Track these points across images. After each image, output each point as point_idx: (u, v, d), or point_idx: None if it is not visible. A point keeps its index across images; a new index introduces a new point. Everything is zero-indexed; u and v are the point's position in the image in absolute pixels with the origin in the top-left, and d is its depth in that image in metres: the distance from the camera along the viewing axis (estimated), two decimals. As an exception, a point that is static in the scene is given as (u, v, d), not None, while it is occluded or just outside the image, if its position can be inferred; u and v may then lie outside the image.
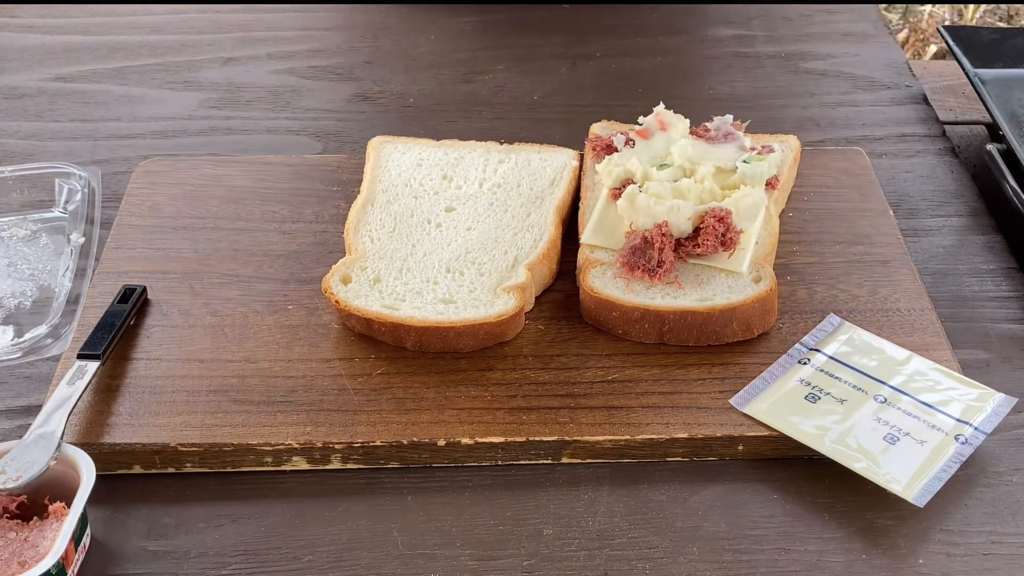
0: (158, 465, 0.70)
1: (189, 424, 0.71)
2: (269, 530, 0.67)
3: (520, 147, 0.91)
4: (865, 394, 0.73)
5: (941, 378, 0.74)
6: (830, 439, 0.70)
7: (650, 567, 0.65)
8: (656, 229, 0.78)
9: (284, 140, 0.99)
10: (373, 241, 0.82)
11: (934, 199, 0.93)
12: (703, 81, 1.05)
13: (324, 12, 1.16)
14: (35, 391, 0.76)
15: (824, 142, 0.97)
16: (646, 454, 0.71)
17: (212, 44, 1.11)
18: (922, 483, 0.67)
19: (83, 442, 0.69)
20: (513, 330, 0.77)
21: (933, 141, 0.99)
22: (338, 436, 0.70)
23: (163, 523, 0.68)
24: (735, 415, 0.72)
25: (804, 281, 0.82)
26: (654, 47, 1.11)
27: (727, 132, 0.86)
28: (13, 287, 0.83)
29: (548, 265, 0.81)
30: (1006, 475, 0.70)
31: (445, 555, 0.66)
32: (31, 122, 1.01)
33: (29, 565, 0.61)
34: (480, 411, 0.72)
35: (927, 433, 0.70)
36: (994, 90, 0.97)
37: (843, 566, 0.65)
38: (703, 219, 0.78)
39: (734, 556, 0.66)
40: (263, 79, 1.07)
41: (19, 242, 0.86)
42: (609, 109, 0.96)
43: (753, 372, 0.75)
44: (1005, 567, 0.65)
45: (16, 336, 0.79)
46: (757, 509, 0.69)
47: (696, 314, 0.76)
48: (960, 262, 0.87)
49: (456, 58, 1.09)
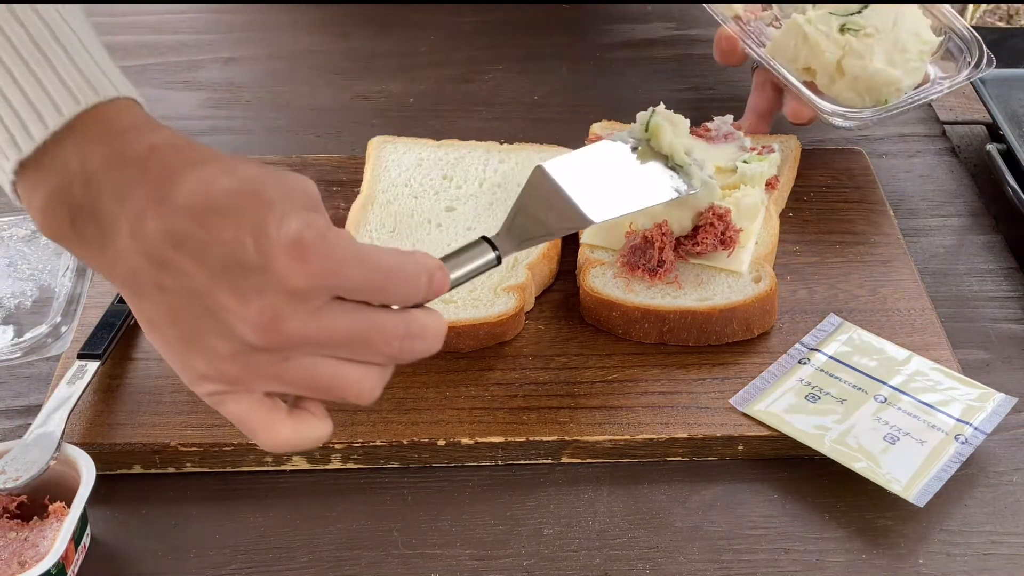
0: (158, 465, 0.70)
1: (189, 424, 0.71)
2: (269, 530, 0.67)
3: (520, 147, 0.91)
4: (865, 394, 0.73)
5: (941, 378, 0.74)
6: (830, 439, 0.70)
7: (650, 567, 0.65)
8: (656, 228, 0.78)
9: (284, 140, 0.99)
10: (373, 241, 0.82)
11: (934, 199, 0.93)
12: (703, 81, 1.05)
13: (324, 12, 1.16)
14: (35, 391, 0.76)
15: (824, 142, 0.97)
16: (646, 454, 0.71)
17: (212, 44, 1.11)
18: (922, 483, 0.67)
19: (83, 442, 0.69)
20: (513, 330, 0.77)
21: (933, 141, 0.99)
22: (338, 436, 0.70)
23: (163, 523, 0.68)
24: (735, 415, 0.72)
25: (804, 281, 0.82)
26: (654, 47, 1.11)
27: (727, 132, 0.86)
28: (13, 287, 0.83)
29: (548, 265, 0.81)
30: (1006, 475, 0.71)
31: (445, 555, 0.66)
32: (31, 122, 1.01)
33: (29, 565, 0.61)
34: (480, 411, 0.72)
35: (927, 433, 0.70)
36: (994, 90, 0.97)
37: (843, 566, 0.65)
38: (703, 217, 0.78)
39: (734, 556, 0.66)
40: (263, 79, 1.07)
41: (19, 242, 0.86)
42: (609, 109, 0.96)
43: (753, 372, 0.75)
44: (1005, 567, 0.65)
45: (16, 336, 0.79)
46: (757, 509, 0.69)
47: (696, 314, 0.76)
48: (960, 262, 0.87)
49: (456, 58, 1.09)
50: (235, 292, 0.51)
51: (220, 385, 0.54)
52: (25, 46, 0.55)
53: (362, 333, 0.54)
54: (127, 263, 0.52)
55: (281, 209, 0.51)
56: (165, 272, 0.52)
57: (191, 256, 0.51)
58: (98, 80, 0.55)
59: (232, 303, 0.51)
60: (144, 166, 0.52)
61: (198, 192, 0.51)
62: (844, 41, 0.86)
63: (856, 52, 0.86)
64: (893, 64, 0.86)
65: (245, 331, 0.52)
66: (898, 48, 0.87)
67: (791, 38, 0.88)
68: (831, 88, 0.88)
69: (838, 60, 0.87)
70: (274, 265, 0.51)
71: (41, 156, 0.53)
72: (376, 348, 0.54)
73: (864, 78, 0.86)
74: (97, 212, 0.52)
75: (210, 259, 0.51)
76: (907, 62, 0.87)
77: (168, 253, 0.51)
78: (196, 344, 0.53)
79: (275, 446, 0.55)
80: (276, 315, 0.51)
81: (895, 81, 0.87)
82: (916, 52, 0.88)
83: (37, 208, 0.54)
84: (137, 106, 0.56)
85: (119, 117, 0.55)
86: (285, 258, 0.51)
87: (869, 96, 0.87)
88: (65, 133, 0.53)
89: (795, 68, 0.88)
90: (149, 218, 0.51)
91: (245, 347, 0.52)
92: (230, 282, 0.51)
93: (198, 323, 0.52)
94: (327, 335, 0.53)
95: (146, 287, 0.53)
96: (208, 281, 0.51)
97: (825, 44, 0.87)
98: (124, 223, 0.52)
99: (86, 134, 0.53)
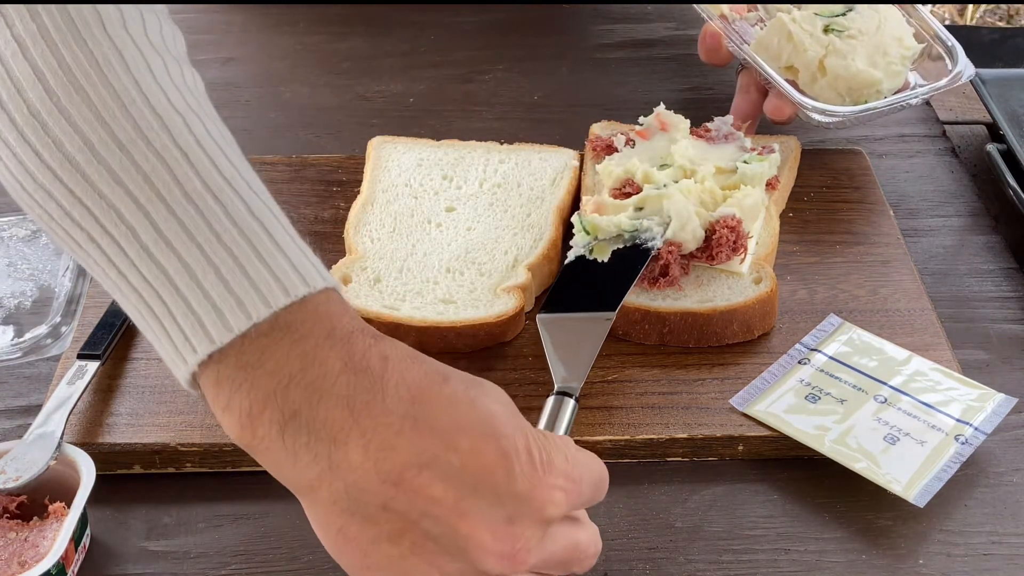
0: (158, 465, 0.70)
1: (189, 424, 0.71)
2: (269, 530, 0.67)
3: (520, 147, 0.91)
4: (865, 394, 0.73)
5: (941, 378, 0.74)
6: (830, 439, 0.70)
7: (650, 567, 0.65)
8: (665, 247, 0.77)
9: (284, 140, 0.99)
10: (373, 241, 0.82)
11: (934, 199, 0.93)
12: (703, 81, 1.05)
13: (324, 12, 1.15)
14: (35, 391, 0.76)
15: (824, 142, 0.97)
16: (646, 454, 0.71)
17: (212, 44, 1.11)
18: (922, 483, 0.67)
19: (83, 442, 0.69)
20: (513, 330, 0.77)
21: (933, 141, 0.99)
22: (338, 436, 0.70)
23: (163, 523, 0.68)
24: (735, 415, 0.72)
25: (804, 281, 0.82)
26: (654, 47, 1.11)
27: (727, 132, 0.86)
28: (13, 287, 0.83)
29: (548, 265, 0.81)
30: (1006, 475, 0.70)
31: (445, 555, 0.66)
32: (31, 122, 1.01)
33: (29, 565, 0.61)
34: (480, 411, 0.72)
35: (927, 433, 0.70)
36: (994, 90, 0.97)
37: (843, 566, 0.65)
38: (713, 228, 0.78)
39: (734, 556, 0.66)
40: (263, 79, 1.07)
41: (19, 242, 0.86)
42: (609, 109, 0.96)
43: (753, 372, 0.75)
44: (1005, 567, 0.65)
45: (16, 336, 0.79)
46: (757, 509, 0.69)
47: (697, 315, 0.76)
48: (960, 262, 0.87)
49: (456, 58, 1.09)
50: (484, 520, 0.49)
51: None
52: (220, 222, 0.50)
53: (571, 554, 0.53)
54: (349, 479, 0.49)
55: (527, 433, 0.50)
56: (400, 492, 0.49)
57: (439, 479, 0.49)
58: (305, 269, 0.51)
59: (479, 531, 0.49)
60: (382, 378, 0.50)
61: (446, 414, 0.50)
62: (827, 41, 0.87)
63: (839, 52, 0.87)
64: (874, 66, 0.87)
65: (487, 560, 0.49)
66: (880, 51, 0.88)
67: (775, 36, 0.89)
68: (812, 87, 0.88)
69: (820, 59, 0.87)
70: (535, 494, 0.49)
71: (241, 350, 0.49)
72: (570, 568, 0.54)
73: (845, 78, 0.87)
74: (316, 421, 0.49)
75: (459, 483, 0.49)
76: (888, 65, 0.88)
77: (409, 473, 0.48)
78: (413, 564, 0.50)
79: None
80: (525, 547, 0.50)
81: (875, 83, 0.87)
82: (898, 56, 0.88)
83: (226, 407, 0.50)
84: (340, 297, 0.52)
85: (333, 312, 0.51)
86: (547, 487, 0.50)
87: (849, 96, 0.88)
88: (274, 328, 0.49)
89: (778, 66, 0.89)
90: (395, 435, 0.48)
91: (477, 573, 0.50)
92: (478, 508, 0.49)
93: (425, 545, 0.49)
94: (549, 560, 0.52)
95: (367, 505, 0.49)
96: (454, 506, 0.49)
97: (808, 43, 0.87)
98: (357, 437, 0.48)
99: (304, 332, 0.49)
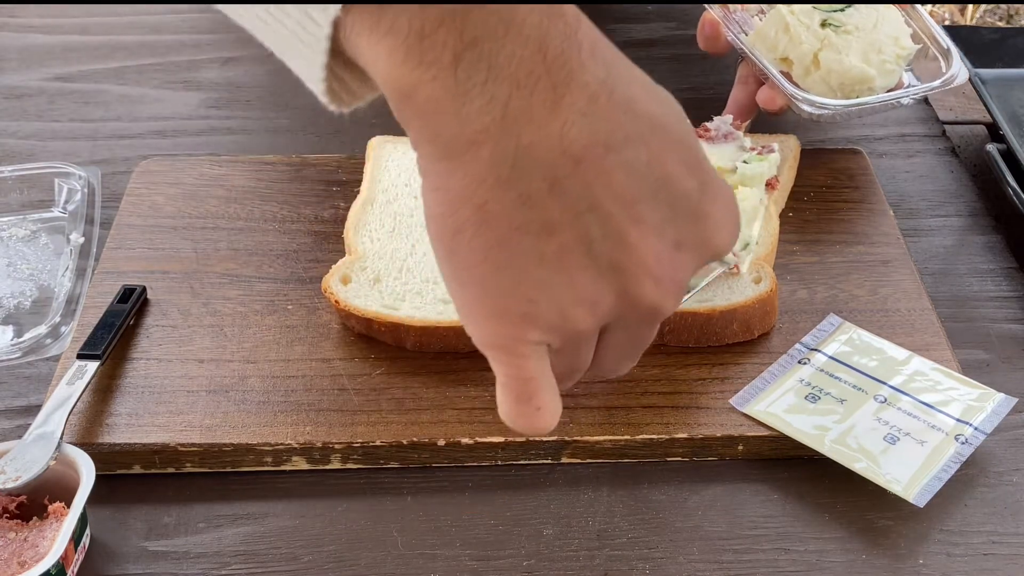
0: (158, 465, 0.70)
1: (189, 424, 0.71)
2: (269, 530, 0.67)
3: (520, 147, 0.91)
4: (865, 394, 0.73)
5: (941, 378, 0.74)
6: (830, 439, 0.70)
7: (650, 567, 0.65)
8: None
9: (284, 140, 0.99)
10: (373, 241, 0.82)
11: (934, 199, 0.93)
12: (703, 81, 1.05)
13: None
14: (35, 391, 0.76)
15: (824, 142, 0.97)
16: (646, 454, 0.71)
17: (212, 44, 1.11)
18: (922, 483, 0.67)
19: (83, 442, 0.69)
20: (513, 330, 0.77)
21: (933, 141, 0.99)
22: (338, 436, 0.70)
23: (163, 523, 0.68)
24: (735, 415, 0.72)
25: (804, 281, 0.82)
26: (654, 47, 1.10)
27: (727, 132, 0.86)
28: (13, 287, 0.83)
29: (548, 265, 0.81)
30: (1006, 475, 0.70)
31: (445, 555, 0.66)
32: (31, 122, 1.01)
33: (29, 565, 0.61)
34: (480, 411, 0.72)
35: (927, 433, 0.70)
36: (994, 90, 0.97)
37: (843, 566, 0.65)
38: None
39: (734, 556, 0.66)
40: (263, 79, 1.07)
41: (19, 242, 0.86)
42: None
43: (753, 372, 0.75)
44: (1005, 567, 0.65)
45: (16, 336, 0.79)
46: (757, 509, 0.69)
47: (696, 315, 0.76)
48: (960, 262, 0.87)
49: (456, 58, 1.09)
50: (654, 234, 0.42)
51: (542, 334, 0.45)
52: None
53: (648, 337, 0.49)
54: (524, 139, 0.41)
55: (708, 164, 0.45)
56: (579, 171, 0.41)
57: (623, 168, 0.41)
58: None
59: (645, 245, 0.42)
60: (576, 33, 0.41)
61: (642, 100, 0.42)
62: (823, 35, 0.87)
63: (833, 46, 0.87)
64: (868, 63, 0.87)
65: (644, 283, 0.43)
66: (875, 49, 0.88)
67: (773, 27, 0.89)
68: (805, 80, 0.88)
69: (815, 52, 0.87)
70: (707, 224, 0.44)
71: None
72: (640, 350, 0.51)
73: (838, 72, 0.87)
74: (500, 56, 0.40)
75: (642, 182, 0.42)
76: (882, 63, 0.88)
77: (595, 152, 0.41)
78: (547, 274, 0.43)
79: (548, 414, 0.48)
80: (683, 281, 0.44)
81: (868, 79, 0.87)
82: (892, 55, 0.88)
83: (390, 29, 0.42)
84: None
85: None
86: (722, 216, 0.44)
87: (841, 91, 0.88)
88: None
89: (773, 58, 0.89)
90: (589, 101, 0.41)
91: (617, 298, 0.43)
92: (652, 219, 0.42)
93: (575, 250, 0.42)
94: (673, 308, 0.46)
95: (532, 179, 0.41)
96: (630, 206, 0.42)
97: (804, 36, 0.87)
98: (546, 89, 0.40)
99: None
